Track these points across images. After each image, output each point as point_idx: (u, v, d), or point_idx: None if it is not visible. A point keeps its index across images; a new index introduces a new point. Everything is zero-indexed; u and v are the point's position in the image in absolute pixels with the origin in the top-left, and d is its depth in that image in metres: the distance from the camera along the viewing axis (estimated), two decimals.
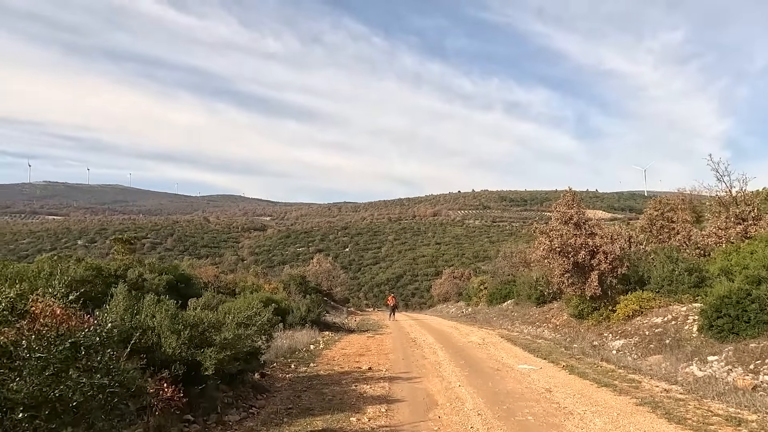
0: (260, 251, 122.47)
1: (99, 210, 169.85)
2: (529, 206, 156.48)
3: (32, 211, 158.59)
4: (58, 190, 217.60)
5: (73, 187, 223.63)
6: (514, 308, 28.86)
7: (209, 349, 6.03)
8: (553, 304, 24.80)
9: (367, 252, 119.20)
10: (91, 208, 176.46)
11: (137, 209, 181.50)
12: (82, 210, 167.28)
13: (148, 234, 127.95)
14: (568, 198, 18.76)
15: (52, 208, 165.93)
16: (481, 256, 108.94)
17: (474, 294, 39.64)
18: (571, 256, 17.40)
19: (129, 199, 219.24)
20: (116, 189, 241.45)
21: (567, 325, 19.98)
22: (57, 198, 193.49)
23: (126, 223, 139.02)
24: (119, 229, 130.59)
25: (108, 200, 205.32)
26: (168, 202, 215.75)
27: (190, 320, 6.29)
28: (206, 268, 28.88)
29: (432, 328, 21.13)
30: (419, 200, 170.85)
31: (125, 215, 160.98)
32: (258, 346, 8.17)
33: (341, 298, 48.88)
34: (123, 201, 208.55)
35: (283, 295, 20.72)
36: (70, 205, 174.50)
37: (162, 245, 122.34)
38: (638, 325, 15.91)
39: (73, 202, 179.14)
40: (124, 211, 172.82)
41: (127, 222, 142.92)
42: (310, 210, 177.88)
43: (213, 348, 6.08)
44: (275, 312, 17.34)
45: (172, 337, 5.82)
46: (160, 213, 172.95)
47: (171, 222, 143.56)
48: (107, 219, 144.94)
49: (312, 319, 17.28)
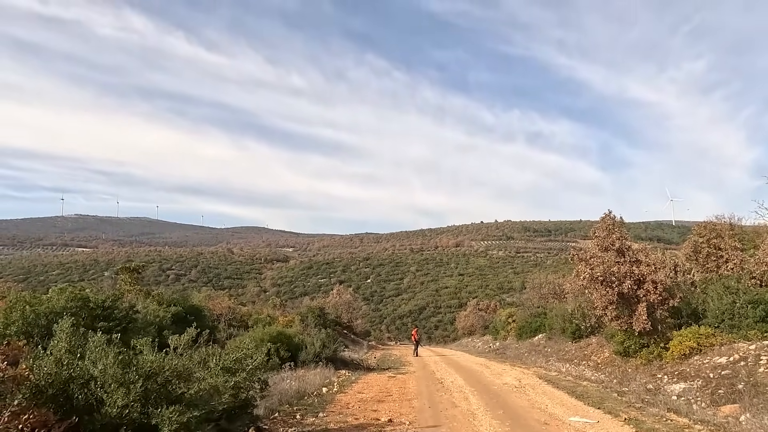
0: (282, 282, 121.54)
1: (126, 242, 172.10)
2: (553, 236, 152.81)
3: (63, 244, 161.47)
4: (89, 222, 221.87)
5: (102, 219, 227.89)
6: (546, 343, 26.57)
7: (171, 408, 4.43)
8: (591, 339, 22.56)
9: (389, 283, 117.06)
10: (119, 240, 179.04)
11: (163, 241, 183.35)
12: (110, 242, 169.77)
13: (173, 265, 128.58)
14: (608, 222, 16.90)
15: (82, 241, 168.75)
16: (505, 288, 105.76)
17: (502, 327, 37.28)
18: (615, 286, 15.44)
19: (156, 231, 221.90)
20: (144, 222, 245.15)
21: (610, 363, 17.80)
22: (87, 231, 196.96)
23: (152, 255, 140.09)
24: (145, 261, 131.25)
25: (136, 232, 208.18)
26: (193, 234, 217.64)
27: (147, 367, 4.72)
28: (221, 299, 27.52)
29: (460, 366, 19.13)
30: (441, 231, 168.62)
31: (151, 247, 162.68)
32: (249, 397, 6.52)
33: (362, 331, 46.88)
34: (150, 233, 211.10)
35: (298, 328, 19.09)
36: (99, 238, 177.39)
37: (186, 276, 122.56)
38: (698, 366, 13.76)
39: (102, 235, 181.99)
40: (150, 243, 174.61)
41: (152, 254, 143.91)
42: (332, 241, 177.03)
43: (176, 407, 4.48)
44: (287, 348, 15.71)
45: (119, 392, 4.26)
46: (185, 245, 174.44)
47: (195, 253, 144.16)
48: (134, 251, 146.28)
49: (327, 355, 15.57)
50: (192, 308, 20.37)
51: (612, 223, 16.94)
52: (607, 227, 16.85)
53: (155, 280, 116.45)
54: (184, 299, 20.64)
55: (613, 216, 17.11)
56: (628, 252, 16.49)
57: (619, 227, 16.98)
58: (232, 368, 6.20)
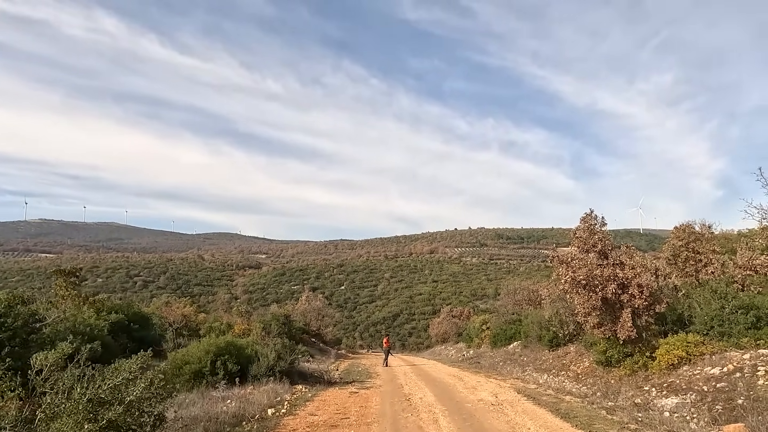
0: (254, 289, 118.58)
1: (93, 248, 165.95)
2: (526, 244, 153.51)
3: (26, 249, 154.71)
4: (53, 227, 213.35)
5: (68, 224, 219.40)
6: (522, 351, 25.24)
7: None
8: (569, 347, 21.29)
9: (363, 290, 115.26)
10: (85, 245, 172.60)
11: (132, 247, 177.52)
12: (75, 248, 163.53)
13: (141, 272, 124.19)
14: (590, 222, 15.62)
15: (45, 246, 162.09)
16: (479, 294, 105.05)
17: (475, 335, 35.91)
18: (599, 291, 14.13)
19: (124, 236, 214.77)
20: (112, 227, 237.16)
21: (591, 373, 16.48)
22: (52, 236, 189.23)
23: (119, 261, 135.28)
24: (111, 267, 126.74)
25: (103, 238, 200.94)
26: (163, 239, 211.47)
27: None
28: (177, 306, 25.37)
29: (431, 378, 17.55)
30: (416, 238, 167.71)
31: (119, 253, 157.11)
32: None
33: (332, 339, 44.95)
34: (118, 239, 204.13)
35: (254, 338, 17.21)
36: (64, 243, 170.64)
37: (154, 283, 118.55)
38: (689, 378, 12.49)
39: (68, 240, 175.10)
40: (118, 248, 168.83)
41: (120, 259, 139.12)
42: (306, 248, 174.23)
43: None
44: (236, 361, 13.85)
45: None
46: (155, 251, 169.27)
47: (165, 260, 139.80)
48: (100, 257, 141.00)
49: (282, 368, 13.78)
50: (137, 316, 18.32)
51: (594, 223, 15.67)
52: (589, 227, 15.57)
53: (122, 286, 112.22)
54: (128, 306, 18.57)
55: (595, 216, 15.84)
56: (612, 253, 15.23)
57: (601, 225, 15.72)
58: (106, 400, 4.44)
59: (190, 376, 12.79)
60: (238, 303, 44.90)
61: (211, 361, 13.04)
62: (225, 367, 13.10)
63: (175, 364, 13.05)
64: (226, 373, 13.03)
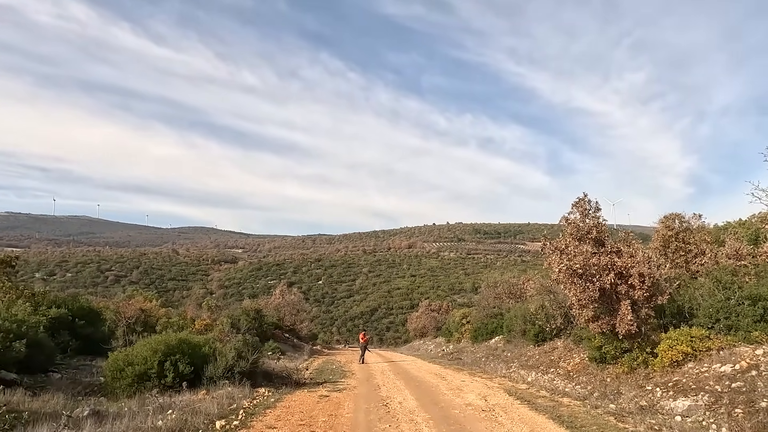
0: (230, 284, 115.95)
1: (63, 242, 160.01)
2: (503, 239, 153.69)
3: None
4: (21, 221, 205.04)
5: (36, 218, 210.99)
6: (505, 346, 23.92)
7: None
8: (556, 342, 19.99)
9: (341, 285, 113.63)
10: (55, 239, 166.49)
11: (104, 241, 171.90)
12: (44, 242, 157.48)
13: (113, 266, 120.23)
14: (584, 207, 14.22)
15: (12, 240, 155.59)
16: (456, 289, 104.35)
17: (455, 329, 34.56)
18: (596, 281, 12.74)
19: (96, 230, 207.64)
20: (83, 220, 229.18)
21: (583, 371, 15.13)
22: (19, 229, 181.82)
23: (90, 255, 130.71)
24: (81, 261, 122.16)
25: (74, 232, 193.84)
26: (137, 234, 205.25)
27: None
28: (136, 300, 23.28)
29: (411, 377, 15.98)
30: (394, 233, 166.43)
31: (90, 247, 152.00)
32: None
33: (308, 335, 43.12)
34: (90, 233, 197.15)
35: (215, 334, 15.35)
36: (32, 237, 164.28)
37: (127, 278, 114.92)
38: (696, 376, 11.18)
39: (36, 234, 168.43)
40: (90, 242, 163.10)
41: (91, 254, 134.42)
42: (283, 242, 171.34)
43: None
44: (190, 361, 12.03)
45: None
46: (127, 245, 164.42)
47: (138, 254, 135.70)
48: (70, 251, 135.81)
49: (243, 369, 12.00)
50: (84, 311, 16.28)
51: (588, 208, 14.27)
52: (583, 212, 14.17)
53: (92, 281, 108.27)
54: (73, 300, 16.50)
55: (588, 200, 14.43)
56: (608, 241, 13.86)
57: (594, 210, 14.34)
58: None
59: (133, 379, 10.94)
60: (208, 298, 42.72)
61: (159, 362, 11.20)
62: (176, 369, 11.28)
63: (116, 366, 11.18)
64: (177, 376, 11.22)
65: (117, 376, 11.03)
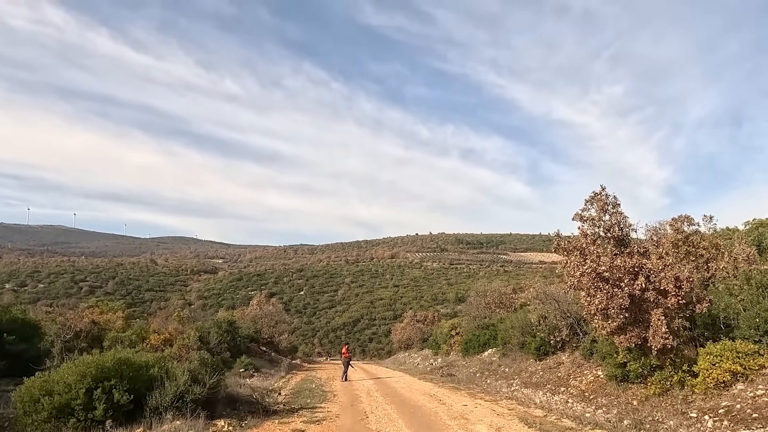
0: (209, 295, 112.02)
1: (37, 252, 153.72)
2: (485, 249, 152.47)
3: None
4: None
5: (9, 227, 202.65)
6: (501, 360, 21.70)
7: None
8: (560, 356, 17.85)
9: (323, 295, 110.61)
10: (28, 249, 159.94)
11: (80, 251, 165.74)
12: (17, 252, 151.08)
13: (88, 277, 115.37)
14: (602, 202, 12.14)
15: None
16: (439, 299, 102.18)
17: (443, 341, 32.26)
18: (625, 286, 10.63)
19: (72, 240, 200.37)
20: (58, 230, 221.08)
21: (601, 391, 12.97)
22: None
23: (64, 265, 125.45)
24: (54, 272, 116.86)
25: (48, 241, 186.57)
26: (114, 244, 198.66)
27: None
28: (91, 310, 20.54)
29: (403, 399, 13.60)
30: (377, 242, 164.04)
31: (65, 257, 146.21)
32: None
33: (287, 347, 40.35)
34: (65, 242, 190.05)
35: (174, 351, 12.79)
36: (4, 247, 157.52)
37: (102, 289, 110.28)
38: (753, 401, 9.09)
39: (8, 244, 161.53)
40: (65, 253, 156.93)
41: (65, 264, 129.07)
42: (265, 252, 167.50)
43: None
44: (130, 387, 9.53)
45: None
46: (104, 255, 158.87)
47: (114, 264, 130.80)
48: (43, 261, 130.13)
49: (197, 396, 9.51)
50: (15, 323, 13.58)
51: (607, 202, 12.21)
52: (602, 207, 12.10)
53: (66, 292, 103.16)
54: (3, 311, 13.77)
55: (606, 193, 12.37)
56: (634, 241, 11.81)
57: (614, 205, 12.28)
58: None
59: (50, 413, 8.41)
60: (179, 310, 39.68)
61: (87, 390, 8.68)
62: (110, 398, 8.76)
63: (30, 396, 8.62)
64: (111, 407, 8.70)
65: (30, 410, 8.47)
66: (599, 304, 10.52)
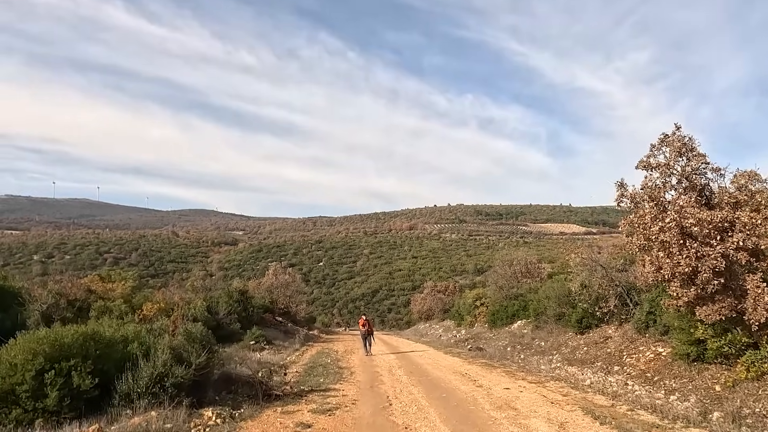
0: (230, 266, 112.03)
1: (63, 224, 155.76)
2: (504, 220, 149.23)
3: None
4: (21, 203, 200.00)
5: (36, 201, 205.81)
6: (534, 333, 19.59)
7: None
8: (606, 329, 15.62)
9: (341, 266, 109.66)
10: (55, 222, 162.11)
11: (104, 224, 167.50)
12: (44, 224, 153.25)
13: (112, 249, 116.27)
14: (678, 143, 9.67)
15: (12, 223, 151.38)
16: (458, 270, 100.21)
17: (467, 312, 30.26)
18: (716, 245, 8.31)
19: (96, 213, 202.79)
20: (83, 203, 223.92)
21: (666, 371, 10.77)
22: (19, 212, 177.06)
23: (89, 237, 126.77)
24: (80, 243, 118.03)
25: (74, 214, 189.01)
26: (137, 216, 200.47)
27: None
28: (91, 278, 18.94)
29: (430, 379, 11.61)
30: (395, 214, 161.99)
31: (90, 229, 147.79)
32: None
33: (305, 318, 38.92)
34: (90, 215, 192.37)
35: (165, 324, 10.91)
36: (32, 220, 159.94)
37: (126, 260, 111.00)
38: None
39: (36, 217, 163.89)
40: (90, 225, 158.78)
41: (90, 236, 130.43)
42: (284, 224, 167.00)
43: None
44: (96, 369, 7.59)
45: None
46: (127, 227, 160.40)
47: (137, 236, 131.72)
48: (69, 234, 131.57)
49: (180, 380, 7.59)
50: None
51: (684, 144, 9.74)
52: (679, 151, 9.64)
53: (91, 264, 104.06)
54: None
55: (683, 135, 9.88)
56: (719, 191, 9.37)
57: (690, 149, 9.79)
58: None
59: None
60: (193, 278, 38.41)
61: (37, 372, 6.79)
62: (68, 383, 6.87)
63: None
64: (69, 394, 6.82)
65: None
66: (685, 267, 8.20)
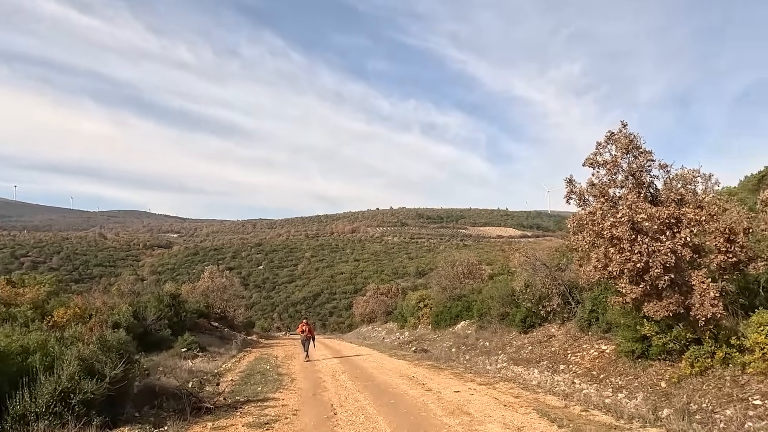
0: (163, 270, 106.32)
1: None
2: (445, 223, 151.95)
3: None
4: None
5: None
6: (477, 333, 19.46)
7: None
8: (550, 328, 15.66)
9: (282, 270, 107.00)
10: None
11: (22, 225, 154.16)
12: None
13: (30, 252, 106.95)
14: (624, 141, 9.64)
15: None
16: (400, 273, 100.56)
17: (410, 314, 29.95)
18: (666, 240, 8.25)
19: (13, 213, 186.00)
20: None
21: (611, 368, 10.75)
22: None
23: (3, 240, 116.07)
24: None
25: None
26: (60, 217, 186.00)
27: None
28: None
29: (377, 383, 10.96)
30: (338, 217, 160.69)
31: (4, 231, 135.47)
32: None
33: (243, 323, 37.16)
34: (5, 216, 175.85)
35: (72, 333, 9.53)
36: None
37: (46, 264, 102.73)
38: None
39: None
40: (5, 226, 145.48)
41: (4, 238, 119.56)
42: (222, 227, 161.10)
43: None
44: None
45: None
46: (49, 229, 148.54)
47: (59, 238, 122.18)
48: None
49: (91, 393, 6.47)
50: None
51: (630, 142, 9.72)
52: (625, 148, 9.60)
53: (5, 268, 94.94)
54: None
55: (629, 133, 9.88)
56: (664, 187, 9.40)
57: (636, 147, 9.79)
58: None
59: None
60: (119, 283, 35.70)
61: None
62: None
63: None
64: None
65: None
66: (637, 262, 8.07)
